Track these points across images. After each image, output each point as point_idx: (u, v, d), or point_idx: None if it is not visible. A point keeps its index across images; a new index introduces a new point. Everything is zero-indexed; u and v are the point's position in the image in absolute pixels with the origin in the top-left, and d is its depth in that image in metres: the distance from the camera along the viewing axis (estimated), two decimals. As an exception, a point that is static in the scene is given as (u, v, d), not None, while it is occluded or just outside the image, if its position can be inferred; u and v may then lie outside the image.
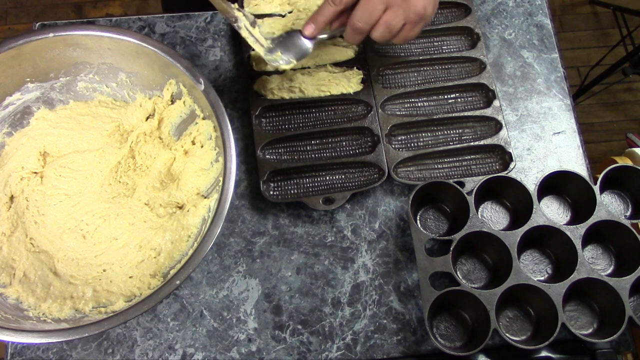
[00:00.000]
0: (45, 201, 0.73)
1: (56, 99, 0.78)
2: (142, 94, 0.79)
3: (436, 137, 0.82)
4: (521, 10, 0.91)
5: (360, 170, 0.79)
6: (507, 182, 0.76)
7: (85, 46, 0.74)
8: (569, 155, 0.83)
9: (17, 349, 0.72)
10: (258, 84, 0.81)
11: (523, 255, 0.76)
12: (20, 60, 0.73)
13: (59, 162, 0.75)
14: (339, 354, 0.73)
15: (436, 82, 0.83)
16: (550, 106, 0.86)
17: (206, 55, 0.86)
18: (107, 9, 2.04)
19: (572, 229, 0.72)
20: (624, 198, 0.80)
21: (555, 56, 0.88)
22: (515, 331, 0.73)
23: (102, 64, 0.77)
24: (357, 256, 0.77)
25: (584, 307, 0.74)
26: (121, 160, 0.76)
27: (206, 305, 0.75)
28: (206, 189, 0.74)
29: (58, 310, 0.68)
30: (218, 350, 0.73)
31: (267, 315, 0.74)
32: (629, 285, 0.69)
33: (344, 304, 0.75)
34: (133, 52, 0.74)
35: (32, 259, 0.71)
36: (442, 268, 0.71)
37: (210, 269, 0.76)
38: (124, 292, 0.70)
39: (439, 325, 0.73)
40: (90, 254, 0.72)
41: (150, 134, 0.78)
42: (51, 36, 0.72)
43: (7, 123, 0.76)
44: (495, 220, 0.78)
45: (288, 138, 0.80)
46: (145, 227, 0.73)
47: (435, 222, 0.78)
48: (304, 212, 0.79)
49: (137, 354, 0.72)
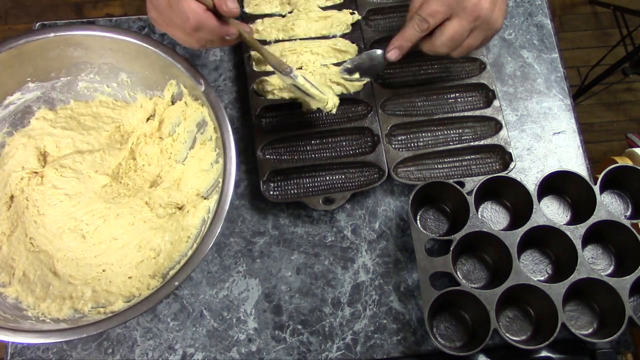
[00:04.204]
0: (45, 201, 0.73)
1: (57, 98, 0.78)
2: (143, 94, 0.79)
3: (436, 137, 0.82)
4: (521, 10, 0.91)
5: (360, 170, 0.79)
6: (507, 182, 0.76)
7: (86, 46, 0.74)
8: (569, 155, 0.83)
9: (17, 349, 0.72)
10: (258, 84, 0.81)
11: (523, 255, 0.76)
12: (21, 60, 0.73)
13: (59, 162, 0.75)
14: (339, 354, 0.73)
15: (436, 82, 0.83)
16: (550, 106, 0.86)
17: (206, 56, 0.86)
18: (107, 9, 2.04)
19: (572, 229, 0.72)
20: (624, 198, 0.80)
21: (555, 56, 0.88)
22: (515, 331, 0.73)
23: (102, 64, 0.77)
24: (357, 256, 0.77)
25: (584, 307, 0.74)
26: (122, 161, 0.76)
27: (206, 305, 0.75)
28: (206, 190, 0.74)
29: (57, 310, 0.68)
30: (218, 350, 0.73)
31: (267, 315, 0.74)
32: (629, 285, 0.69)
33: (344, 304, 0.75)
34: (134, 53, 0.74)
35: (31, 259, 0.71)
36: (442, 268, 0.71)
37: (210, 269, 0.76)
38: (123, 293, 0.70)
39: (439, 325, 0.73)
40: (89, 254, 0.72)
41: (150, 135, 0.78)
42: (52, 36, 0.72)
43: (8, 122, 0.76)
44: (495, 220, 0.78)
45: (288, 138, 0.80)
46: (145, 228, 0.73)
47: (435, 222, 0.78)
48: (304, 212, 0.79)
49: (137, 354, 0.72)
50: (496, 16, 0.68)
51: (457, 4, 0.66)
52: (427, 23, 0.68)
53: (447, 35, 0.68)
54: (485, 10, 0.67)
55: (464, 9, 0.66)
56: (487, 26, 0.69)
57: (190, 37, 0.62)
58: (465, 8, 0.66)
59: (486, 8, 0.67)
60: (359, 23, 0.85)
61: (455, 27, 0.68)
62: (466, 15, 0.67)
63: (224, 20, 0.62)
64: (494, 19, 0.68)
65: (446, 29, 0.68)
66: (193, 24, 0.59)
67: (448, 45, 0.69)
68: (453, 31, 0.68)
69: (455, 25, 0.68)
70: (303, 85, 0.72)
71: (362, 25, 0.84)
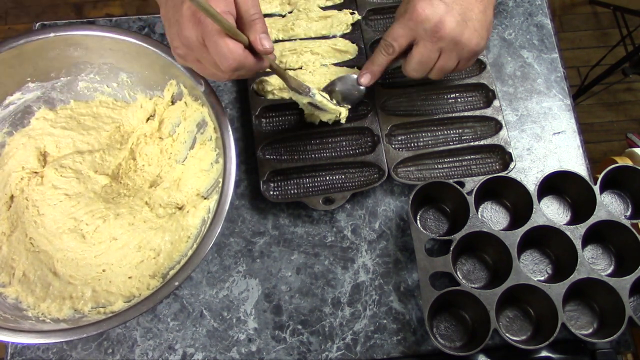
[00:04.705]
0: (45, 201, 0.73)
1: (57, 98, 0.78)
2: (143, 94, 0.79)
3: (436, 137, 0.82)
4: (521, 10, 0.91)
5: (360, 170, 0.79)
6: (507, 182, 0.76)
7: (86, 46, 0.74)
8: (569, 155, 0.83)
9: (17, 349, 0.72)
10: (258, 84, 0.81)
11: (523, 255, 0.76)
12: (21, 60, 0.73)
13: (59, 162, 0.75)
14: (339, 354, 0.73)
15: (436, 82, 0.83)
16: (550, 106, 0.86)
17: (206, 55, 0.86)
18: (107, 9, 2.04)
19: (572, 229, 0.72)
20: (624, 198, 0.80)
21: (555, 56, 0.88)
22: (515, 331, 0.73)
23: (102, 64, 0.77)
24: (357, 256, 0.77)
25: (584, 307, 0.74)
26: (122, 161, 0.76)
27: (206, 305, 0.75)
28: (206, 190, 0.74)
29: (57, 310, 0.68)
30: (218, 350, 0.73)
31: (267, 315, 0.74)
32: (629, 285, 0.69)
33: (344, 304, 0.75)
34: (134, 53, 0.74)
35: (31, 259, 0.71)
36: (442, 268, 0.71)
37: (210, 269, 0.76)
38: (123, 293, 0.70)
39: (439, 325, 0.73)
40: (89, 254, 0.72)
41: (150, 136, 0.78)
42: (52, 36, 0.72)
43: (8, 122, 0.76)
44: (495, 220, 0.78)
45: (288, 138, 0.80)
46: (145, 228, 0.73)
47: (435, 222, 0.78)
48: (304, 212, 0.79)
49: (137, 354, 0.72)
50: (468, 37, 0.66)
51: (417, 26, 0.65)
52: (391, 47, 0.69)
53: (415, 59, 0.68)
54: (450, 30, 0.65)
55: (425, 31, 0.65)
56: (457, 47, 0.66)
57: (224, 74, 0.60)
58: (426, 30, 0.65)
59: (451, 28, 0.64)
60: (359, 23, 0.85)
61: (420, 50, 0.67)
62: (428, 36, 0.65)
63: (258, 56, 0.60)
64: (465, 39, 0.66)
65: (413, 54, 0.68)
66: (233, 66, 0.57)
67: (418, 69, 0.69)
68: (419, 55, 0.67)
69: (420, 49, 0.67)
70: (321, 102, 0.72)
71: (362, 25, 0.84)
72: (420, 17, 0.65)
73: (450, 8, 0.64)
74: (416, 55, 0.68)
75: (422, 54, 0.67)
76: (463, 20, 0.65)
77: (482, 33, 0.67)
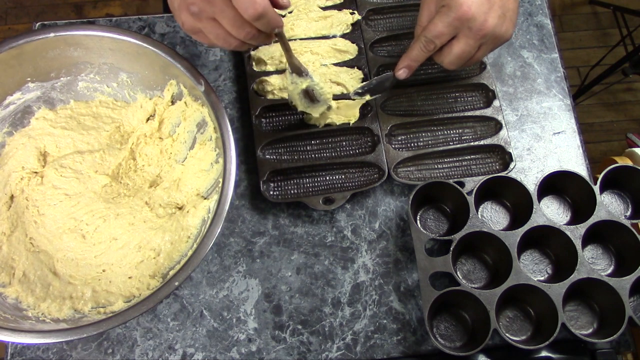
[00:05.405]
0: (45, 201, 0.73)
1: (57, 98, 0.78)
2: (143, 94, 0.79)
3: (436, 137, 0.82)
4: (521, 10, 0.91)
5: (360, 170, 0.79)
6: (507, 182, 0.76)
7: (86, 46, 0.74)
8: (569, 155, 0.83)
9: (17, 349, 0.72)
10: (258, 84, 0.81)
11: (523, 255, 0.76)
12: (21, 60, 0.73)
13: (59, 162, 0.75)
14: (339, 354, 0.73)
15: (436, 82, 0.83)
16: (550, 106, 0.86)
17: (206, 56, 0.86)
18: (107, 9, 2.04)
19: (572, 229, 0.72)
20: (624, 198, 0.80)
21: (555, 56, 0.88)
22: (515, 331, 0.73)
23: (102, 64, 0.77)
24: (357, 256, 0.77)
25: (584, 307, 0.74)
26: (122, 161, 0.76)
27: (206, 305, 0.75)
28: (206, 190, 0.74)
29: (57, 310, 0.68)
30: (218, 350, 0.73)
31: (267, 315, 0.74)
32: (629, 285, 0.69)
33: (344, 304, 0.75)
34: (134, 52, 0.74)
35: (31, 259, 0.71)
36: (442, 268, 0.71)
37: (210, 269, 0.76)
38: (123, 293, 0.70)
39: (439, 325, 0.73)
40: (89, 254, 0.72)
41: (150, 136, 0.78)
42: (52, 36, 0.72)
43: (8, 122, 0.76)
44: (495, 220, 0.78)
45: (288, 138, 0.80)
46: (145, 228, 0.73)
47: (435, 222, 0.78)
48: (304, 212, 0.79)
49: (137, 354, 0.72)
50: (506, 28, 0.67)
51: (462, 24, 0.65)
52: (433, 44, 0.68)
53: (454, 54, 0.68)
54: (494, 27, 0.66)
55: (470, 29, 0.65)
56: (496, 40, 0.68)
57: (240, 29, 0.59)
58: (471, 28, 0.65)
59: (495, 24, 0.65)
60: (359, 23, 0.85)
61: (462, 46, 0.67)
62: (472, 34, 0.66)
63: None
64: (504, 31, 0.67)
65: (454, 49, 0.68)
66: (259, 11, 0.56)
67: (456, 62, 0.69)
68: (460, 50, 0.68)
69: (462, 45, 0.67)
70: (317, 84, 0.72)
71: (362, 25, 0.84)
72: (467, 15, 0.64)
73: (492, 3, 0.65)
74: (456, 50, 0.68)
75: (464, 50, 0.67)
76: (503, 13, 0.66)
77: (515, 22, 0.69)
